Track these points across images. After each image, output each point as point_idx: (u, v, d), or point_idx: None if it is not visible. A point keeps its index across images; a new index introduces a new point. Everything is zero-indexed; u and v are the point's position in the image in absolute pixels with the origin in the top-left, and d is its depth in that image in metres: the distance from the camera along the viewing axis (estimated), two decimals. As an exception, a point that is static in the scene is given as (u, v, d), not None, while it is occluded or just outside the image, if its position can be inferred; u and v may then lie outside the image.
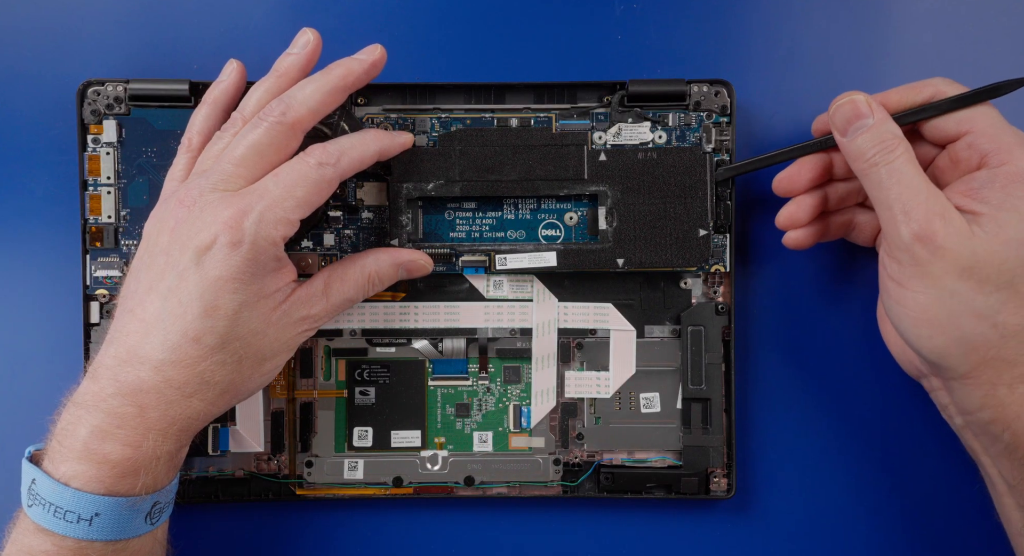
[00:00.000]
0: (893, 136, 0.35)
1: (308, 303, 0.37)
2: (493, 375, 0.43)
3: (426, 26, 0.44)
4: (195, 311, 0.33)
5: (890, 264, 0.35)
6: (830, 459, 0.44)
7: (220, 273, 0.34)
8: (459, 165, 0.40)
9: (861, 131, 0.35)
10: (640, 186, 0.40)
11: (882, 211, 0.34)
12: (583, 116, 0.43)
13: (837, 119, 0.36)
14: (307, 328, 0.37)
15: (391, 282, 0.40)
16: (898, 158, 0.34)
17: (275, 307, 0.36)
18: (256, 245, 0.34)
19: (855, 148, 0.35)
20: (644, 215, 0.40)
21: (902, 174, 0.34)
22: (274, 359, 0.36)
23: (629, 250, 0.40)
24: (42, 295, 0.43)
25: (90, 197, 0.42)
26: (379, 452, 0.43)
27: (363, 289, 0.39)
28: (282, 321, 0.36)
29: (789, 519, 0.44)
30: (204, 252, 0.34)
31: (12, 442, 0.43)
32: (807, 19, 0.44)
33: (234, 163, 0.35)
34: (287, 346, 0.37)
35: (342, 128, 0.40)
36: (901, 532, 0.44)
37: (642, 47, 0.44)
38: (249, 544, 0.44)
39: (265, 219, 0.34)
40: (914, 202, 0.33)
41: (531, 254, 0.40)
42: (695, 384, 0.43)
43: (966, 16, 0.44)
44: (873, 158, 0.34)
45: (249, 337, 0.35)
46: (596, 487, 0.43)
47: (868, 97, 0.36)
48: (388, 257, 0.39)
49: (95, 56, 0.43)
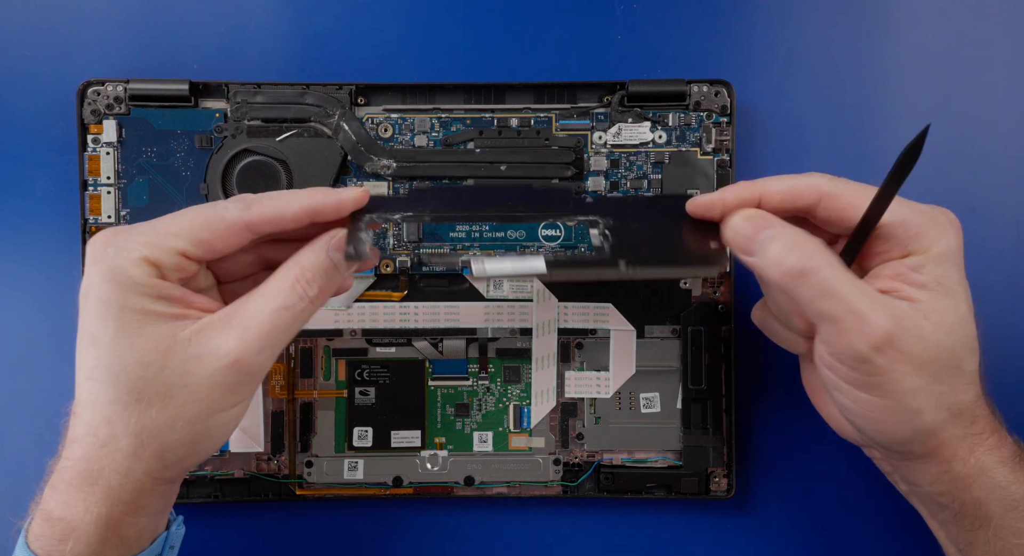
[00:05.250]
0: (805, 238, 0.31)
1: (215, 335, 0.31)
2: (493, 375, 0.43)
3: (426, 26, 0.44)
4: (82, 345, 0.32)
5: (843, 371, 0.32)
6: (830, 459, 0.44)
7: (88, 291, 0.32)
8: (431, 207, 0.35)
9: (769, 241, 0.32)
10: (637, 216, 0.35)
11: (827, 324, 0.31)
12: (583, 116, 0.43)
13: (738, 240, 0.33)
14: (227, 365, 0.31)
15: (329, 277, 0.33)
16: (824, 263, 0.31)
17: (170, 336, 0.31)
18: (112, 260, 0.31)
19: (770, 261, 0.31)
20: (644, 231, 0.35)
21: (838, 280, 0.30)
22: (195, 403, 0.31)
23: (632, 254, 0.35)
24: (42, 295, 0.43)
25: (90, 197, 0.42)
26: (379, 452, 0.43)
27: (290, 303, 0.32)
28: (185, 353, 0.31)
29: (789, 519, 0.44)
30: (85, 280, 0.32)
31: (12, 442, 0.43)
32: (807, 19, 0.44)
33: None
34: (207, 386, 0.31)
35: None
36: (901, 532, 0.44)
37: (642, 47, 0.44)
38: (249, 544, 0.44)
39: (133, 236, 0.32)
40: (865, 310, 0.30)
41: (516, 258, 0.35)
42: (695, 384, 0.43)
43: (966, 16, 0.44)
44: (796, 266, 0.31)
45: (140, 369, 0.31)
46: (596, 487, 0.43)
47: (759, 211, 0.33)
48: (318, 246, 0.33)
49: (95, 56, 0.43)
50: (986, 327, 0.43)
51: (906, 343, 0.31)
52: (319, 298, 0.33)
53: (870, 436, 0.34)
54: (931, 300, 0.32)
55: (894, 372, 0.31)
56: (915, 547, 0.44)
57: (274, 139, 0.42)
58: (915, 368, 0.31)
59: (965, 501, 0.33)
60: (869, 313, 0.30)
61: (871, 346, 0.31)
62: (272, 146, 0.42)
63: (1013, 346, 0.44)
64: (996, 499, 0.33)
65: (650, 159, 0.43)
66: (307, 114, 0.42)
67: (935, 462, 0.33)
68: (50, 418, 0.43)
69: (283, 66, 0.44)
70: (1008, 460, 0.33)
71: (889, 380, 0.31)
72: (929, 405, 0.32)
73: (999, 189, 0.44)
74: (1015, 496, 0.33)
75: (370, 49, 0.44)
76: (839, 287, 0.30)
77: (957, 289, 0.33)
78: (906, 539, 0.44)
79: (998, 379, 0.37)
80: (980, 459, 0.33)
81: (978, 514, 0.33)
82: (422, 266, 0.42)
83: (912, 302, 0.32)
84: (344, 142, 0.42)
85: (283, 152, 0.42)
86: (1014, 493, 0.33)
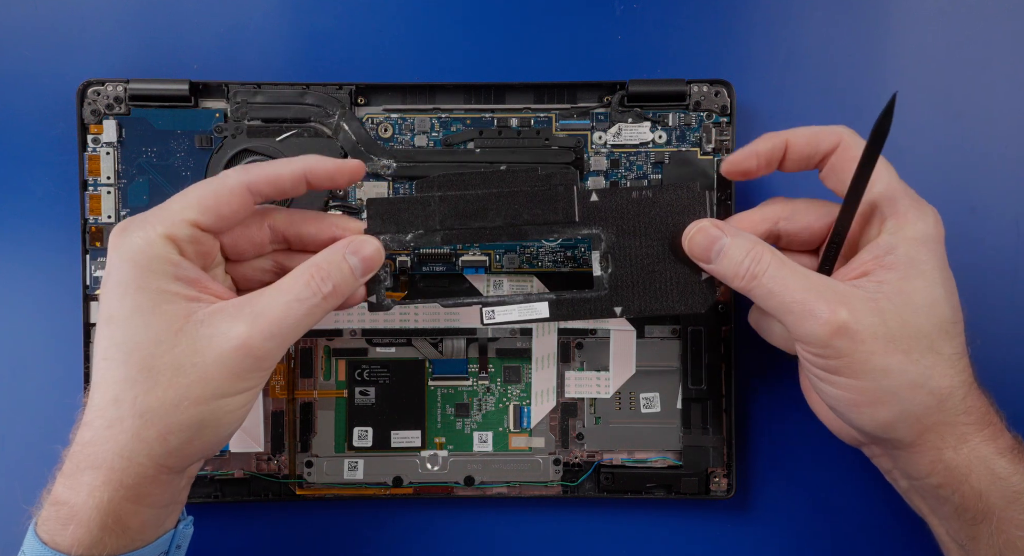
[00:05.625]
0: (754, 244, 0.34)
1: (227, 319, 0.32)
2: (493, 375, 0.43)
3: (426, 26, 0.44)
4: (99, 325, 0.33)
5: (814, 359, 0.34)
6: (830, 459, 0.44)
7: (108, 277, 0.33)
8: (439, 212, 0.37)
9: (723, 251, 0.35)
10: (636, 228, 0.37)
11: (785, 317, 0.34)
12: (583, 116, 0.43)
13: (696, 251, 0.36)
14: (236, 347, 0.32)
15: (344, 278, 0.34)
16: (771, 263, 0.34)
17: (184, 316, 0.32)
18: (132, 242, 0.32)
19: (726, 268, 0.35)
20: (641, 258, 0.37)
21: (784, 276, 0.33)
22: (202, 383, 0.32)
23: (627, 297, 0.37)
24: (42, 295, 0.43)
25: (90, 197, 0.42)
26: (379, 452, 0.43)
27: (304, 296, 0.33)
28: (197, 333, 0.32)
29: (789, 519, 0.44)
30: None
31: (12, 442, 0.43)
32: (807, 19, 0.44)
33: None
34: (216, 366, 0.32)
35: None
36: (900, 532, 0.44)
37: (642, 47, 0.44)
38: (249, 544, 0.44)
39: (148, 218, 0.33)
40: (811, 299, 0.33)
41: (521, 305, 0.37)
42: (695, 384, 0.43)
43: (966, 16, 0.44)
44: (748, 270, 0.34)
45: (152, 346, 0.31)
46: (596, 487, 0.43)
47: (713, 220, 0.36)
48: (336, 248, 0.35)
49: (95, 56, 0.43)
50: (986, 327, 0.43)
51: (863, 323, 0.32)
52: (333, 296, 0.34)
53: (856, 423, 0.34)
54: (898, 281, 0.33)
55: (858, 352, 0.32)
56: (914, 547, 0.44)
57: (274, 139, 0.42)
58: (882, 346, 0.32)
59: (965, 493, 0.33)
60: (814, 301, 0.33)
61: (825, 330, 0.32)
62: (272, 146, 0.42)
63: (1013, 346, 0.44)
64: (997, 491, 0.33)
65: (650, 159, 0.43)
66: (307, 114, 0.42)
67: (925, 450, 0.34)
68: (51, 417, 0.43)
69: (283, 66, 0.44)
70: (1006, 451, 0.33)
71: (857, 360, 0.33)
72: (904, 385, 0.33)
73: (999, 189, 0.44)
74: (1016, 488, 0.33)
75: (370, 49, 0.44)
76: (787, 282, 0.33)
77: (932, 273, 0.34)
78: (905, 539, 0.44)
79: (998, 379, 0.37)
80: (975, 448, 0.33)
81: (979, 507, 0.33)
82: (442, 305, 0.42)
83: (879, 283, 0.33)
84: (344, 142, 0.42)
85: (283, 152, 0.42)
86: (1015, 484, 0.33)
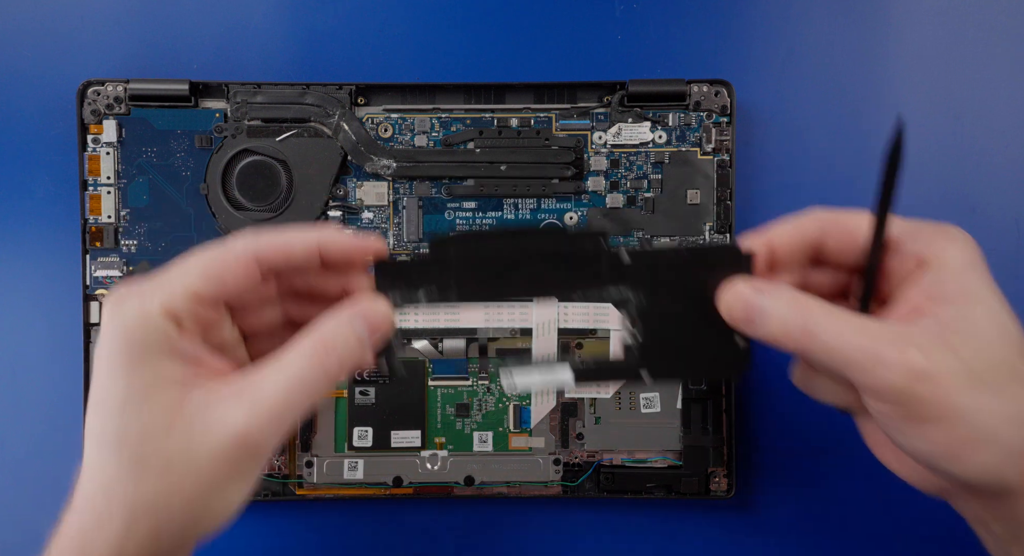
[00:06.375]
0: (796, 295, 0.31)
1: (223, 406, 0.29)
2: (493, 375, 0.43)
3: (426, 26, 0.44)
4: (90, 407, 0.30)
5: (893, 412, 0.30)
6: (830, 459, 0.44)
7: (100, 348, 0.30)
8: (456, 274, 0.32)
9: (764, 315, 0.31)
10: (669, 288, 0.33)
11: (850, 372, 0.30)
12: (583, 116, 0.43)
13: (737, 319, 0.32)
14: (232, 439, 0.29)
15: (351, 350, 0.31)
16: (820, 314, 0.30)
17: (177, 405, 0.29)
18: (126, 314, 0.29)
19: (773, 330, 0.31)
20: (673, 320, 0.33)
21: (839, 327, 0.30)
22: (195, 478, 0.29)
23: (655, 360, 0.33)
24: (42, 295, 0.43)
25: (90, 197, 0.42)
26: (379, 452, 0.43)
27: (306, 376, 0.30)
28: (191, 424, 0.29)
29: (789, 519, 0.44)
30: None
31: (12, 442, 0.43)
32: (807, 19, 0.44)
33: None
34: (208, 460, 0.29)
35: None
36: (901, 532, 0.44)
37: (642, 47, 0.44)
38: (249, 544, 0.44)
39: (146, 288, 0.30)
40: (877, 347, 0.29)
41: (544, 372, 0.33)
42: (695, 384, 0.43)
43: (966, 16, 0.44)
44: (800, 328, 0.30)
45: (144, 436, 0.29)
46: (596, 487, 0.43)
47: (748, 278, 0.32)
48: (341, 316, 0.31)
49: (95, 56, 0.43)
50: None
51: (938, 362, 0.29)
52: (339, 372, 0.31)
53: (960, 475, 0.30)
54: (958, 313, 0.30)
55: (943, 395, 0.29)
56: (915, 547, 0.44)
57: (274, 139, 0.42)
58: (965, 384, 0.29)
59: None
60: (881, 348, 0.29)
61: (902, 377, 0.29)
62: (272, 146, 0.42)
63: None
64: None
65: (650, 159, 0.43)
66: (307, 114, 0.42)
67: None
68: (50, 418, 0.43)
69: (283, 66, 0.44)
70: None
71: (944, 405, 0.29)
72: (1002, 422, 0.29)
73: (999, 189, 0.44)
74: None
75: (370, 49, 0.44)
76: (843, 333, 0.30)
77: (989, 299, 0.31)
78: (906, 539, 0.44)
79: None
80: None
81: None
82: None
83: (940, 319, 0.30)
84: (344, 142, 0.42)
85: (283, 152, 0.42)
86: None
